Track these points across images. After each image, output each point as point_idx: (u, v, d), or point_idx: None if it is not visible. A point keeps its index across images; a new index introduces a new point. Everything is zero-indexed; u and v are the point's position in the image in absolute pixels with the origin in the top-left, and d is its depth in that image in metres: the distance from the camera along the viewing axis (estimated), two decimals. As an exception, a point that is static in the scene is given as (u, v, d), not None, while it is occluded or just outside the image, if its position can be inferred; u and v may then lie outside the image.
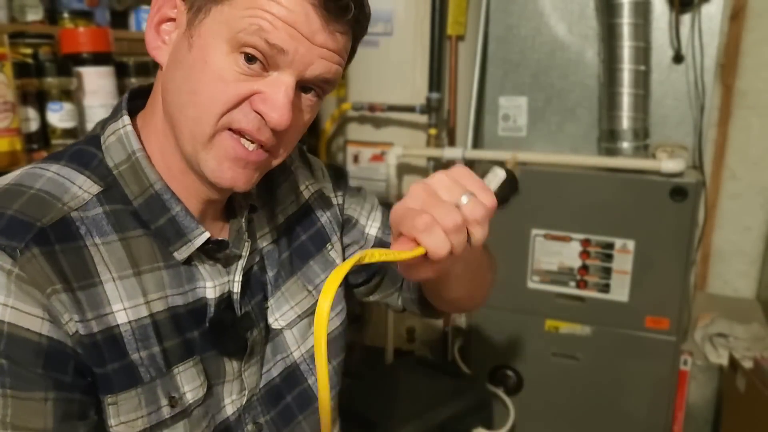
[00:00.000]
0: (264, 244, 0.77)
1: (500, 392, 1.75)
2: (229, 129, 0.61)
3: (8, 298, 0.54)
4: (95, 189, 0.62)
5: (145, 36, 0.64)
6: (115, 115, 0.67)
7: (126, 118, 0.65)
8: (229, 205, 0.74)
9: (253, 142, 0.62)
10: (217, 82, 0.59)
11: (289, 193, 0.82)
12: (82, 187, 0.62)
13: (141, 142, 0.65)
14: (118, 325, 0.60)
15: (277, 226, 0.80)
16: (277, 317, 0.77)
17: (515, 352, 1.74)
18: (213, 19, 0.58)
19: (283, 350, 0.78)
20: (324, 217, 0.83)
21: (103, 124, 0.67)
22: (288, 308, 0.78)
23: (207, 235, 0.66)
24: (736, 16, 2.01)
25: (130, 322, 0.61)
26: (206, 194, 0.67)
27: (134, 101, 0.69)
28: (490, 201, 0.58)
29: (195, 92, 0.60)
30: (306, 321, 0.80)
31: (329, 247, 0.83)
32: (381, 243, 0.86)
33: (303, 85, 0.62)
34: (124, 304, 0.61)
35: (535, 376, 1.73)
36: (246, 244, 0.72)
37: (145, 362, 0.62)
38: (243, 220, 0.73)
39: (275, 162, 0.66)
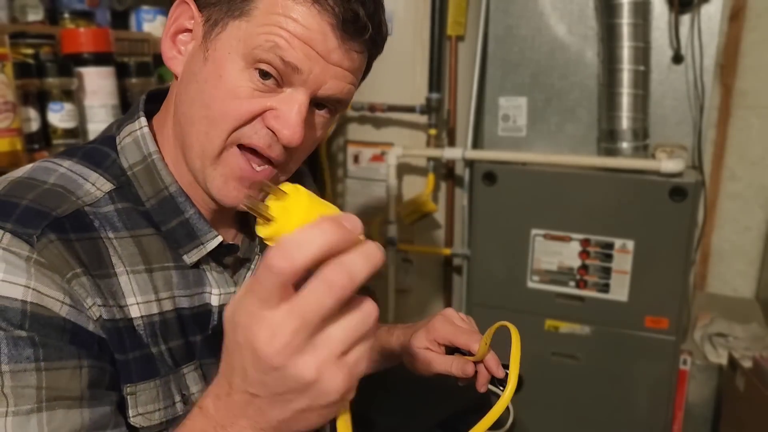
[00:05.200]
0: None
1: (500, 392, 1.75)
2: (238, 145, 0.61)
3: (29, 280, 0.53)
4: (108, 187, 0.62)
5: (161, 46, 0.64)
6: (132, 117, 0.67)
7: (143, 120, 0.66)
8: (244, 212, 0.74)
9: (262, 162, 0.62)
10: (231, 98, 0.59)
11: None
12: (95, 184, 0.62)
13: (157, 144, 0.65)
14: (132, 318, 0.60)
15: None
16: None
17: (515, 352, 1.73)
18: (229, 34, 0.58)
19: None
20: None
21: (119, 124, 0.67)
22: None
23: (220, 239, 0.66)
24: (735, 16, 2.01)
25: (142, 317, 0.61)
26: (214, 205, 0.67)
27: (150, 104, 0.69)
28: None
29: (208, 107, 0.60)
30: None
31: None
32: None
33: (317, 102, 0.62)
34: (137, 299, 0.61)
35: (535, 376, 1.73)
36: (257, 256, 0.71)
37: (162, 356, 0.62)
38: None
39: (283, 178, 0.66)
